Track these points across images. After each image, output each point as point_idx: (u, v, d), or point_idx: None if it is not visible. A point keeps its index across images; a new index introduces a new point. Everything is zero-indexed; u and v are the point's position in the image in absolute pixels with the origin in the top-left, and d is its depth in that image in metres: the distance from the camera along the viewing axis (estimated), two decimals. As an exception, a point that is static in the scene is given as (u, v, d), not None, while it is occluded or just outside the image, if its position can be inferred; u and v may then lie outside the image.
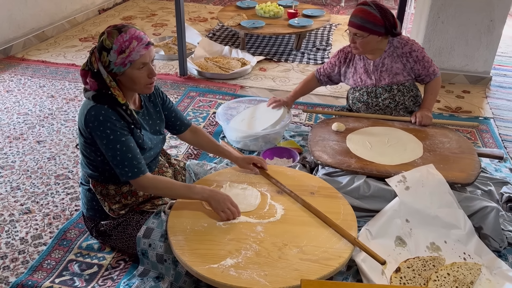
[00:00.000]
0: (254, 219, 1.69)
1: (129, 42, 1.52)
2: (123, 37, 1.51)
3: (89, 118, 1.56)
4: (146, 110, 1.75)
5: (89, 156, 1.66)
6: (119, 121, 1.57)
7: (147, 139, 1.70)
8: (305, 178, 1.97)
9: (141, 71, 1.57)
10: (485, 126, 2.88)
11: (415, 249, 1.82)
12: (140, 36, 1.54)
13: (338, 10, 5.47)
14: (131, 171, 1.58)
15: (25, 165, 2.39)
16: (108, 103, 1.56)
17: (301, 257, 1.52)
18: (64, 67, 3.64)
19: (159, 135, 1.80)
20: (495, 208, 1.89)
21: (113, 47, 1.51)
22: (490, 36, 3.30)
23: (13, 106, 3.01)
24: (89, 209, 1.78)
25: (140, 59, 1.55)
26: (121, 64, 1.53)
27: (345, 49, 2.47)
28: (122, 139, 1.56)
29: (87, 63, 1.58)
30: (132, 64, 1.54)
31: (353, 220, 1.71)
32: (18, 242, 1.88)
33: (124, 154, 1.57)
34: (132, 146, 1.59)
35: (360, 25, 2.20)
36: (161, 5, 5.49)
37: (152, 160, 1.79)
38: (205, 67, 3.58)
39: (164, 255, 1.64)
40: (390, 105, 2.42)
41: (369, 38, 2.23)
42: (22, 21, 4.03)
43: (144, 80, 1.59)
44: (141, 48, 1.54)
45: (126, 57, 1.52)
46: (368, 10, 2.20)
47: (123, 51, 1.51)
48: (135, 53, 1.53)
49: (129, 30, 1.54)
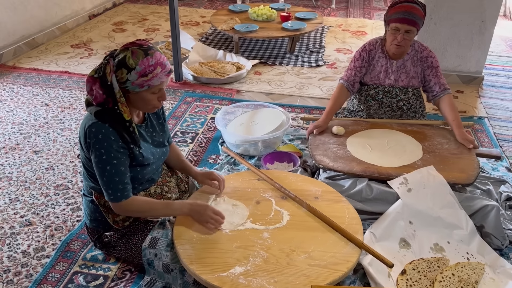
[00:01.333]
0: (260, 226, 1.69)
1: (153, 68, 1.51)
2: (148, 61, 1.50)
3: (88, 133, 1.54)
4: (149, 123, 1.74)
5: (90, 169, 1.64)
6: (117, 142, 1.55)
7: (148, 154, 1.68)
8: (308, 182, 1.98)
9: (155, 95, 1.58)
10: (480, 126, 2.91)
11: (419, 251, 1.83)
12: (165, 63, 1.54)
13: (329, 12, 5.50)
14: (114, 194, 1.57)
15: (22, 176, 2.36)
16: (110, 122, 1.54)
17: (310, 263, 1.53)
18: (57, 75, 3.61)
19: (162, 148, 1.79)
20: (495, 206, 1.92)
21: (136, 68, 1.49)
22: (482, 36, 3.35)
23: (7, 116, 2.97)
24: (92, 220, 1.76)
25: (159, 85, 1.55)
26: (139, 85, 1.52)
27: (366, 48, 2.41)
28: (114, 162, 1.55)
29: (98, 71, 1.53)
30: (150, 88, 1.54)
31: (358, 223, 1.72)
32: (20, 255, 1.85)
33: (111, 176, 1.55)
34: (122, 170, 1.57)
35: (415, 21, 2.19)
36: (152, 9, 5.46)
37: (155, 172, 1.78)
38: (200, 72, 3.57)
39: (170, 264, 1.63)
40: (403, 108, 2.44)
41: (415, 35, 2.25)
42: (11, 29, 3.98)
43: (154, 102, 1.60)
44: (163, 75, 1.54)
45: (147, 80, 1.51)
46: (416, 6, 2.21)
47: (145, 74, 1.50)
48: (157, 79, 1.53)
49: (155, 54, 1.52)
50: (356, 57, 2.43)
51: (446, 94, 2.33)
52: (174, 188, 1.88)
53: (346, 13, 5.47)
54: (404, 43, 2.25)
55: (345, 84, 2.43)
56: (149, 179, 1.76)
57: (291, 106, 3.13)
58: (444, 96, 2.33)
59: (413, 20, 2.20)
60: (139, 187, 1.71)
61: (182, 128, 2.84)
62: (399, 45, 2.26)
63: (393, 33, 2.26)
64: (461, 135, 2.22)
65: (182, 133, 2.78)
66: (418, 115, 2.51)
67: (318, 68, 3.83)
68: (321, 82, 3.56)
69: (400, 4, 2.24)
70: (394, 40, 2.26)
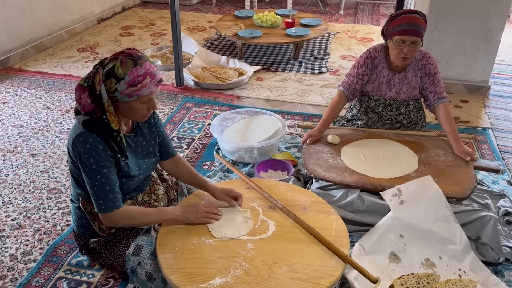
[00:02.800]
0: (245, 236, 1.66)
1: (142, 78, 1.49)
2: (138, 71, 1.48)
3: (77, 143, 1.53)
4: (139, 132, 1.72)
5: (77, 176, 1.64)
6: (105, 151, 1.54)
7: (133, 166, 1.67)
8: (298, 192, 1.94)
9: (144, 104, 1.56)
10: (483, 137, 2.84)
11: (409, 265, 1.79)
12: (154, 73, 1.52)
13: (337, 18, 5.47)
14: (105, 204, 1.55)
15: (18, 179, 2.38)
16: (97, 131, 1.53)
17: (291, 276, 1.49)
18: (61, 78, 3.64)
19: (151, 158, 1.76)
20: (493, 217, 1.86)
21: (125, 78, 1.48)
22: (488, 45, 3.28)
23: (9, 119, 3.00)
24: (79, 226, 1.76)
25: (149, 95, 1.54)
26: (127, 95, 1.51)
27: (371, 54, 2.33)
28: (104, 171, 1.53)
29: (87, 80, 1.52)
30: (139, 97, 1.53)
31: (345, 236, 1.68)
32: (7, 258, 1.86)
33: (102, 185, 1.53)
34: (112, 179, 1.56)
35: (420, 31, 2.15)
36: (160, 14, 5.50)
37: (142, 182, 1.76)
38: (202, 77, 3.57)
39: (153, 273, 1.62)
40: (403, 121, 2.40)
41: (420, 46, 2.21)
42: (20, 32, 4.04)
43: (143, 112, 1.58)
44: (153, 85, 1.52)
45: (136, 90, 1.50)
46: (417, 16, 2.17)
47: (134, 84, 1.49)
48: (146, 89, 1.51)
49: (145, 64, 1.50)
50: (360, 63, 2.35)
51: (441, 104, 2.27)
52: (163, 196, 1.87)
53: (354, 20, 5.43)
54: (410, 55, 2.19)
55: (345, 92, 2.36)
56: (136, 188, 1.75)
57: (290, 114, 3.10)
58: (439, 106, 2.27)
59: (418, 30, 2.14)
60: (125, 196, 1.70)
61: (179, 134, 2.83)
62: (406, 58, 2.20)
63: (399, 46, 2.18)
64: (458, 148, 2.17)
65: (178, 139, 2.77)
66: (418, 127, 2.46)
67: (321, 75, 3.80)
68: (322, 89, 3.52)
69: (402, 16, 2.18)
70: (400, 53, 2.18)
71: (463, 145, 2.20)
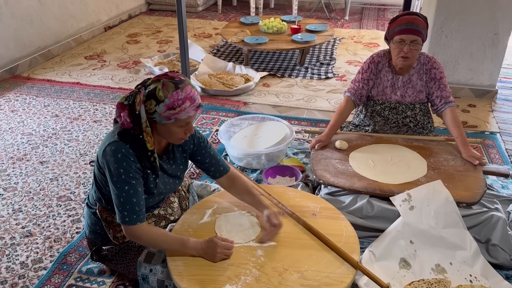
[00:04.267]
0: (254, 243, 1.66)
1: (182, 102, 1.48)
2: (178, 95, 1.48)
3: (108, 151, 1.53)
4: (172, 155, 1.71)
5: (100, 182, 1.64)
6: (136, 164, 1.53)
7: (161, 184, 1.66)
8: (307, 198, 1.94)
9: (181, 128, 1.55)
10: (491, 142, 2.83)
11: (419, 271, 1.78)
12: (194, 97, 1.51)
13: (342, 24, 5.48)
14: (129, 215, 1.53)
15: (27, 186, 2.39)
16: (131, 143, 1.53)
17: (302, 283, 1.49)
18: (69, 86, 3.67)
19: (176, 179, 1.76)
20: (501, 217, 1.85)
21: (165, 101, 1.48)
22: (495, 49, 3.27)
23: (18, 127, 3.03)
24: (92, 231, 1.76)
25: (187, 119, 1.53)
26: (166, 117, 1.50)
27: (374, 59, 2.36)
28: (132, 182, 1.52)
29: (128, 98, 1.52)
30: (177, 121, 1.52)
31: (356, 242, 1.68)
32: (18, 266, 1.87)
33: (129, 197, 1.52)
34: (139, 191, 1.55)
35: (420, 31, 2.17)
36: (167, 21, 5.54)
37: (160, 201, 1.76)
38: (209, 83, 3.59)
39: (165, 280, 1.62)
40: (410, 124, 2.39)
41: (421, 46, 2.22)
42: (28, 40, 4.08)
43: (180, 135, 1.57)
44: (191, 110, 1.52)
45: (174, 114, 1.49)
46: (419, 18, 2.20)
47: (173, 108, 1.48)
48: (185, 113, 1.50)
49: (186, 88, 1.50)
50: (364, 69, 2.38)
51: (448, 108, 2.26)
52: (178, 209, 1.87)
53: (360, 25, 5.44)
54: (410, 54, 2.20)
55: (352, 97, 2.38)
56: (154, 205, 1.75)
57: (297, 119, 3.11)
58: (446, 110, 2.27)
59: (417, 30, 2.16)
60: None
61: (186, 141, 2.84)
62: (406, 57, 2.21)
63: (398, 46, 2.21)
64: (466, 153, 2.16)
65: (186, 146, 2.78)
66: (426, 131, 2.45)
67: (328, 80, 3.80)
68: (329, 94, 3.53)
69: (401, 18, 2.22)
70: (400, 52, 2.21)
71: (471, 149, 2.19)
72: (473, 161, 2.12)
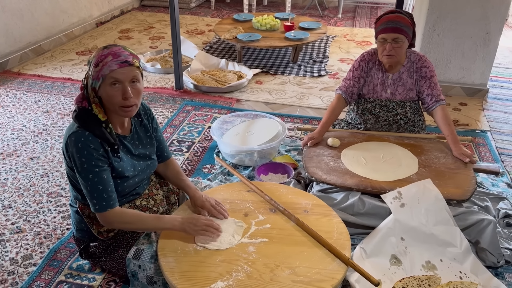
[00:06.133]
0: (246, 239, 1.66)
1: (104, 57, 1.50)
2: (103, 52, 1.51)
3: (69, 142, 1.54)
4: (136, 135, 1.72)
5: (72, 178, 1.64)
6: (97, 151, 1.53)
7: (128, 166, 1.66)
8: (299, 195, 1.95)
9: (114, 88, 1.51)
10: (482, 140, 2.85)
11: (410, 268, 1.79)
12: (119, 53, 1.51)
13: (335, 22, 5.48)
14: (98, 203, 1.55)
15: (17, 182, 2.37)
16: (89, 127, 1.53)
17: (293, 279, 1.49)
18: (60, 82, 3.64)
19: (147, 161, 1.76)
20: (492, 221, 1.86)
21: (92, 60, 1.53)
22: (487, 48, 3.30)
23: (8, 122, 3.00)
24: (78, 230, 1.75)
25: (111, 74, 1.49)
26: (95, 78, 1.51)
27: (365, 58, 2.39)
28: (96, 170, 1.53)
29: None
30: (104, 79, 1.50)
31: (347, 239, 1.68)
32: (8, 262, 1.85)
33: (95, 185, 1.53)
34: (105, 178, 1.55)
35: (401, 29, 2.18)
36: (159, 17, 5.50)
37: (138, 185, 1.76)
38: (201, 80, 3.57)
39: (154, 276, 1.61)
40: (400, 122, 2.40)
41: (405, 44, 2.23)
42: (18, 35, 4.03)
43: (117, 100, 1.53)
44: (114, 64, 1.49)
45: (99, 70, 1.50)
46: (401, 15, 2.22)
47: (97, 64, 1.51)
48: (106, 67, 1.49)
49: (113, 48, 1.53)
50: (355, 67, 2.40)
51: (439, 106, 2.28)
52: (162, 201, 1.86)
53: (353, 23, 5.45)
54: (394, 52, 2.22)
55: (343, 95, 2.40)
56: (132, 192, 1.74)
57: (290, 117, 3.11)
58: (437, 108, 2.29)
59: (398, 27, 2.18)
60: (122, 199, 1.69)
61: (179, 137, 2.83)
62: (390, 55, 2.23)
63: (382, 45, 2.25)
64: (457, 150, 2.17)
65: (178, 142, 2.77)
66: (417, 129, 2.47)
67: (320, 78, 3.81)
68: (322, 92, 3.53)
69: (384, 16, 2.25)
70: (384, 51, 2.24)
71: (462, 147, 2.20)
72: (463, 158, 2.14)
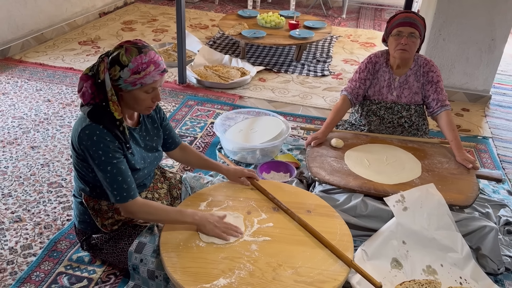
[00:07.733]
0: (249, 237, 1.66)
1: (146, 65, 1.48)
2: (142, 59, 1.48)
3: (82, 136, 1.51)
4: (144, 127, 1.72)
5: (81, 170, 1.63)
6: (113, 143, 1.53)
7: (138, 158, 1.66)
8: (302, 194, 1.94)
9: (148, 94, 1.55)
10: (483, 146, 2.86)
11: (411, 272, 1.79)
12: (158, 62, 1.52)
13: (339, 22, 5.48)
14: (119, 194, 1.54)
15: (17, 171, 2.35)
16: (103, 123, 1.52)
17: (296, 279, 1.49)
18: (62, 71, 3.61)
19: (155, 152, 1.76)
20: (494, 228, 1.87)
21: (129, 65, 1.47)
22: (491, 55, 3.30)
23: (8, 110, 2.97)
24: (81, 221, 1.74)
25: (152, 84, 1.52)
26: (131, 83, 1.50)
27: (372, 60, 2.38)
28: (114, 162, 1.52)
29: (92, 69, 1.53)
30: (142, 86, 1.51)
31: (350, 240, 1.68)
32: (7, 251, 1.84)
33: (114, 176, 1.52)
34: (123, 169, 1.55)
35: (417, 24, 2.21)
36: (163, 10, 5.47)
37: (146, 177, 1.75)
38: (205, 75, 3.56)
39: (155, 271, 1.61)
40: (404, 125, 2.40)
41: (417, 42, 2.25)
42: (21, 23, 4.00)
43: (147, 103, 1.57)
44: (157, 74, 1.51)
45: (139, 78, 1.49)
46: (415, 15, 2.25)
47: (138, 72, 1.48)
48: (150, 77, 1.50)
49: (149, 52, 1.50)
50: (362, 69, 2.39)
51: (444, 111, 2.29)
52: (166, 195, 1.87)
53: (357, 24, 5.44)
54: (408, 47, 2.21)
55: (349, 96, 2.39)
56: (140, 184, 1.73)
57: (292, 115, 3.10)
58: (441, 113, 2.29)
59: (415, 23, 2.21)
60: None
61: (181, 132, 2.82)
62: (404, 49, 2.22)
63: (397, 39, 2.23)
64: (460, 156, 2.18)
65: (180, 137, 2.74)
66: (420, 133, 2.47)
67: (324, 78, 3.80)
68: (325, 92, 3.53)
69: (401, 13, 2.27)
70: (398, 44, 2.22)
71: (465, 152, 2.21)
72: (466, 164, 2.14)
